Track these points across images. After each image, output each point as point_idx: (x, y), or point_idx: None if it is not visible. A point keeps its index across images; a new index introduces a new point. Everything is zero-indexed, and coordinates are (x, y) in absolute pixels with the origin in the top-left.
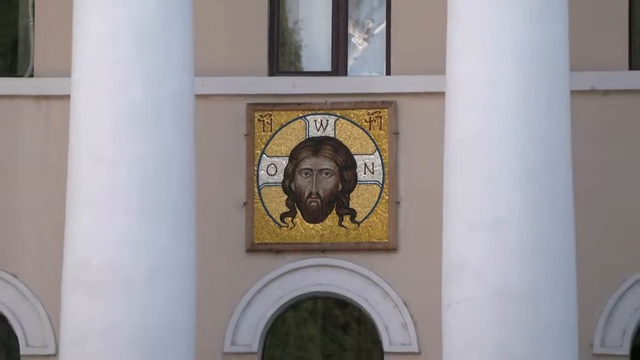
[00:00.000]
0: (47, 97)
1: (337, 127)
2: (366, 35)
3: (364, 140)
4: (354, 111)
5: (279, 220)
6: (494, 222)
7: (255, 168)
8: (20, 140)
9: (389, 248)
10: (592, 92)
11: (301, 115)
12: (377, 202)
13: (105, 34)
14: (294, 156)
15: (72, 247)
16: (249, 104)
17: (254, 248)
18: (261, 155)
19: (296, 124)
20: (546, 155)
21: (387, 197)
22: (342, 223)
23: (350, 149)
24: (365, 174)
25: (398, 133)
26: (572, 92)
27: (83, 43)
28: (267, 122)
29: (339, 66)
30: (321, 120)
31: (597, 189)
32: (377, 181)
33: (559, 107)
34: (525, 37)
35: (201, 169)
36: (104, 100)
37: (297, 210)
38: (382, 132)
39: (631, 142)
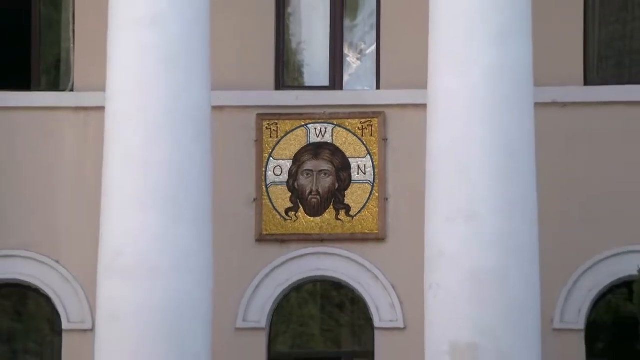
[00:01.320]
0: (85, 109)
1: (334, 134)
2: (359, 55)
3: (357, 146)
4: (349, 120)
5: (284, 214)
6: (468, 216)
7: (264, 169)
8: (62, 146)
9: (379, 238)
10: (553, 104)
11: (303, 124)
12: (368, 198)
13: (135, 55)
14: (297, 159)
15: (107, 240)
16: (258, 114)
17: (262, 238)
18: (268, 159)
19: (299, 131)
20: (514, 159)
21: (377, 195)
22: (339, 217)
23: (345, 153)
24: (358, 174)
25: (387, 139)
26: (536, 105)
27: (116, 62)
28: (274, 130)
29: (336, 81)
30: (320, 128)
31: (558, 188)
32: (369, 181)
33: (525, 118)
34: (496, 57)
35: (217, 171)
36: (133, 112)
37: (300, 205)
38: (372, 138)
39: (586, 148)
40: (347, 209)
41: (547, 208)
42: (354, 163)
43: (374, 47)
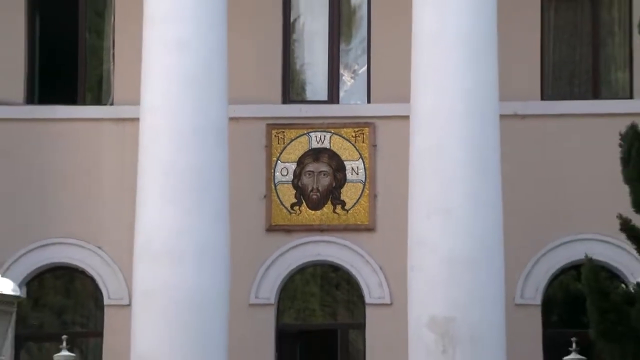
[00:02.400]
0: (123, 120)
1: (331, 141)
2: (353, 75)
3: (351, 151)
4: (344, 129)
5: (289, 208)
6: (444, 211)
7: (272, 171)
8: (104, 152)
9: (369, 228)
10: (514, 116)
11: (305, 132)
12: (360, 195)
13: (164, 76)
14: (301, 162)
15: (140, 230)
16: (267, 124)
17: (271, 229)
18: (276, 162)
19: (302, 138)
20: (482, 162)
21: (367, 192)
22: (335, 210)
23: (341, 157)
24: (352, 175)
25: (376, 146)
26: (500, 116)
27: (148, 82)
28: (281, 138)
29: (333, 97)
30: (320, 136)
31: (520, 188)
32: (361, 180)
33: (491, 129)
34: (470, 78)
35: (233, 172)
36: (163, 124)
37: (303, 201)
38: (364, 145)
39: (543, 154)
40: (343, 204)
41: (510, 204)
42: (348, 165)
43: (365, 68)
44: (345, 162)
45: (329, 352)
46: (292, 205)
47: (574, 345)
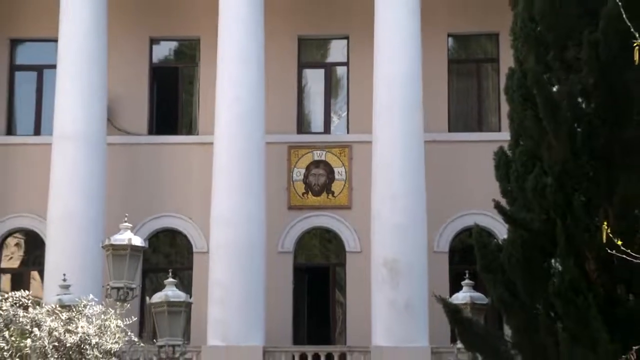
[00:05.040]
0: (204, 144)
1: (326, 156)
2: (338, 117)
3: (338, 162)
4: (333, 149)
5: (301, 195)
6: (391, 198)
7: (291, 173)
8: (192, 165)
9: (348, 207)
10: (433, 142)
11: (310, 150)
12: (343, 188)
13: (227, 116)
14: (308, 168)
15: (215, 208)
16: (288, 146)
17: (291, 207)
18: (293, 168)
19: (308, 154)
20: (412, 170)
21: (347, 186)
22: (328, 197)
23: (332, 165)
24: (338, 176)
25: (352, 158)
26: (425, 142)
27: (218, 119)
28: (295, 154)
29: (327, 129)
30: (319, 153)
31: (434, 182)
32: (343, 179)
33: (418, 152)
34: (403, 118)
35: (268, 175)
36: (226, 146)
37: (309, 191)
38: (345, 158)
39: (449, 165)
40: (332, 193)
41: (429, 192)
42: (336, 170)
43: (345, 113)
44: (334, 168)
45: (324, 280)
46: (303, 194)
47: (467, 274)
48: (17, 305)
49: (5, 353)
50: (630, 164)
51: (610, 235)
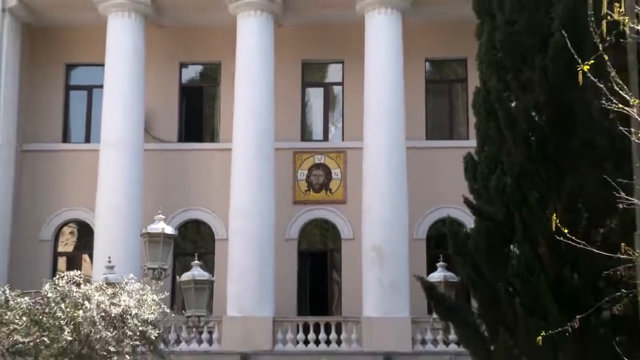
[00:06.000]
0: (224, 150)
1: (325, 159)
2: (335, 127)
3: (335, 164)
4: (331, 154)
5: (304, 192)
6: (380, 196)
7: (296, 174)
8: (213, 167)
9: (343, 202)
10: (412, 148)
11: (312, 155)
12: (339, 186)
13: (244, 126)
14: (310, 170)
15: (233, 202)
16: (293, 152)
17: (295, 202)
18: (297, 170)
19: (310, 158)
20: (397, 179)
21: (342, 184)
22: (327, 193)
23: (330, 167)
24: (335, 176)
25: (347, 162)
26: (407, 148)
27: (237, 133)
28: (299, 158)
29: (326, 137)
30: (319, 157)
31: (416, 189)
32: (339, 178)
33: (399, 155)
34: (389, 129)
35: (277, 175)
36: (242, 151)
37: (310, 189)
38: (340, 161)
39: (423, 168)
40: (330, 190)
41: (410, 191)
42: (333, 171)
43: (341, 124)
44: (331, 170)
45: (323, 262)
46: (305, 191)
47: (441, 258)
48: (71, 282)
49: (62, 321)
50: (575, 168)
51: (559, 225)
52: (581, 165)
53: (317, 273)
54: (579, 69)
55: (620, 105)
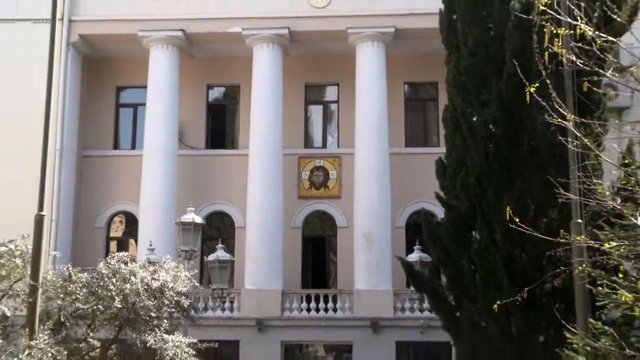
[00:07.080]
0: (243, 155)
1: (324, 163)
2: (332, 137)
3: (332, 167)
4: (329, 158)
5: (306, 189)
6: (368, 191)
7: (300, 175)
8: (233, 170)
9: (339, 197)
10: (396, 154)
11: (313, 160)
12: (335, 184)
13: (260, 138)
14: (311, 172)
15: (250, 197)
16: (298, 157)
17: (300, 197)
18: (301, 171)
19: (311, 162)
20: (382, 179)
21: (338, 182)
22: (325, 190)
23: (327, 169)
24: (332, 176)
25: (342, 165)
26: (390, 154)
27: (254, 142)
28: (303, 162)
29: (324, 145)
30: (319, 161)
31: (395, 187)
32: (335, 178)
33: (384, 161)
34: (376, 139)
35: (284, 176)
36: (258, 156)
37: (312, 186)
38: (337, 164)
39: (404, 169)
40: (328, 187)
41: (395, 189)
42: (330, 172)
43: (337, 134)
44: (329, 171)
45: (322, 246)
46: (308, 188)
47: (417, 242)
48: (120, 261)
49: (113, 292)
50: (523, 170)
51: (511, 215)
52: (529, 168)
53: (317, 254)
54: (526, 90)
55: (560, 120)
